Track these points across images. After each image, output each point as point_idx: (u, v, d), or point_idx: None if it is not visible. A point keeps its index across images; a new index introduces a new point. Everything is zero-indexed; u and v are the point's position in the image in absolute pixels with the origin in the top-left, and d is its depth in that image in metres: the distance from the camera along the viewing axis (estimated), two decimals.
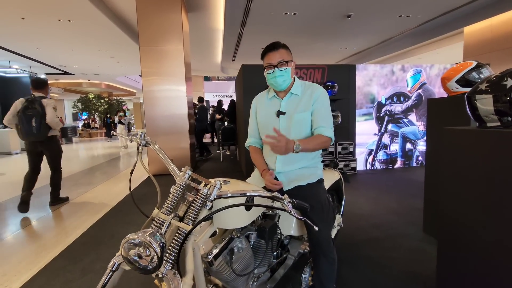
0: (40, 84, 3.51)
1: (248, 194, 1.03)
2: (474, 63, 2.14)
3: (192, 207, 0.96)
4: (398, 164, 5.49)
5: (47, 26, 6.68)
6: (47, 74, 13.09)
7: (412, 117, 5.41)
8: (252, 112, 1.65)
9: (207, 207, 0.97)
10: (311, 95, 1.48)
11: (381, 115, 5.35)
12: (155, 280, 0.94)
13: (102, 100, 18.60)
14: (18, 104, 3.33)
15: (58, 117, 3.56)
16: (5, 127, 9.83)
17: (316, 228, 1.10)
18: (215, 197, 0.98)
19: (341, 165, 4.97)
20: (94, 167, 6.66)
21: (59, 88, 16.80)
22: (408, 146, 5.48)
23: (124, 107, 21.70)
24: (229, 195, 1.00)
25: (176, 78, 5.36)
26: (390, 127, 5.39)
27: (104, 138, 15.83)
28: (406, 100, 5.36)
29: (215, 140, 10.65)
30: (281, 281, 1.41)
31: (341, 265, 2.04)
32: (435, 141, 2.40)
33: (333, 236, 1.98)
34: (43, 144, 3.43)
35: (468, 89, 2.15)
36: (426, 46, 9.37)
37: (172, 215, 0.93)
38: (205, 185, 1.02)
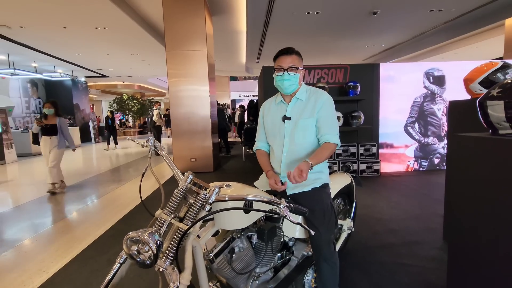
0: (156, 103, 9.88)
1: (244, 198, 1.09)
2: (500, 63, 2.01)
3: (191, 209, 1.05)
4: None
5: (86, 33, 7.24)
6: (86, 77, 14.12)
7: None
8: (260, 117, 1.71)
9: (206, 209, 1.05)
10: (316, 102, 1.51)
11: None
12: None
13: (135, 101, 19.65)
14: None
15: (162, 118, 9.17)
16: (72, 125, 12.01)
17: (312, 232, 1.14)
18: (213, 200, 1.06)
19: (363, 167, 4.85)
20: (127, 163, 7.11)
21: (97, 89, 18.06)
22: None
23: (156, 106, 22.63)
24: (226, 198, 1.08)
25: (200, 79, 5.55)
26: None
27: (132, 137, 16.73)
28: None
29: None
30: (283, 282, 1.46)
31: (351, 270, 2.04)
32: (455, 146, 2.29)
33: (342, 240, 1.99)
34: (154, 129, 8.71)
35: None
36: (463, 41, 8.74)
37: (172, 215, 1.02)
38: (205, 189, 1.10)
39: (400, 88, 5.09)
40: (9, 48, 8.38)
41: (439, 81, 5.08)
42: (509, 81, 1.24)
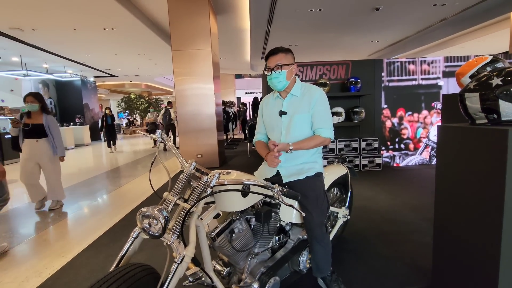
0: (169, 103, 9.57)
1: (242, 182, 1.23)
2: (490, 58, 2.09)
3: (194, 191, 1.19)
4: None
5: (94, 34, 7.47)
6: (95, 77, 14.45)
7: None
8: (260, 112, 1.85)
9: (207, 192, 1.20)
10: (310, 98, 1.62)
11: None
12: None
13: (143, 100, 20.01)
14: (162, 111, 9.07)
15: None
16: (82, 124, 12.38)
17: (303, 214, 1.28)
18: (214, 184, 1.20)
19: (365, 161, 4.94)
20: (135, 160, 7.34)
21: (105, 89, 18.43)
22: None
23: (162, 105, 23.09)
24: (225, 183, 1.22)
25: (205, 78, 5.70)
26: None
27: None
28: None
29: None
30: (280, 261, 1.60)
31: (347, 255, 2.16)
32: None
33: (338, 226, 2.12)
34: (170, 126, 8.96)
35: None
36: (470, 34, 8.66)
37: (177, 196, 1.17)
38: (207, 174, 1.24)
39: None
40: (21, 50, 8.69)
41: None
42: (485, 74, 1.34)
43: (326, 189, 1.80)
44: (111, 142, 9.16)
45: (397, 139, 5.25)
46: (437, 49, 10.05)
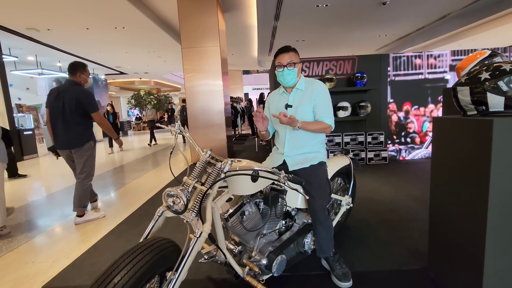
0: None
1: (252, 168, 1.38)
2: (488, 52, 2.17)
3: (210, 176, 1.35)
4: None
5: (106, 33, 7.71)
6: (106, 74, 14.80)
7: None
8: (266, 106, 1.99)
9: (221, 177, 1.36)
10: (312, 90, 1.77)
11: None
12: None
13: (152, 96, 20.35)
14: (178, 107, 9.28)
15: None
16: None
17: (307, 197, 1.43)
18: (227, 170, 1.35)
19: (371, 155, 5.03)
20: (146, 156, 7.59)
21: (115, 86, 18.81)
22: None
23: (171, 101, 23.34)
24: (237, 168, 1.37)
25: (214, 74, 5.85)
26: None
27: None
28: None
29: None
30: (286, 242, 1.75)
31: (349, 240, 2.30)
32: None
33: (341, 213, 2.26)
34: (185, 121, 7.15)
35: None
36: (480, 27, 8.53)
37: (195, 180, 1.33)
38: (221, 161, 1.40)
39: None
40: (37, 50, 9.02)
41: None
42: (475, 68, 1.44)
43: (330, 178, 1.94)
44: (111, 142, 8.33)
45: (403, 133, 5.32)
46: (446, 42, 9.93)
